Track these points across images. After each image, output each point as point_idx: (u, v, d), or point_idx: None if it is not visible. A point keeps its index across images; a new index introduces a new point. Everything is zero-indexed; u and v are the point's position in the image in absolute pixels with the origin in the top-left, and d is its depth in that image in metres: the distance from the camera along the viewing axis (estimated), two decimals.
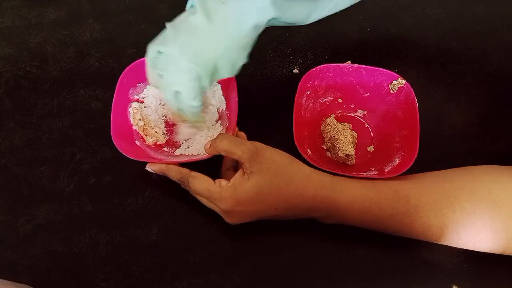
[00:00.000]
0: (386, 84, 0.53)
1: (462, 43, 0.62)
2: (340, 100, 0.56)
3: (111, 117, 0.50)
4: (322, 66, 0.53)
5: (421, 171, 0.48)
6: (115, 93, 0.51)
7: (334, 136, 0.52)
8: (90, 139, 0.54)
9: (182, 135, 0.53)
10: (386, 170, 0.49)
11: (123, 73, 0.52)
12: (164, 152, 0.52)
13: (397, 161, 0.50)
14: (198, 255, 0.48)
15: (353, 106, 0.56)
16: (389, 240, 0.47)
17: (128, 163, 0.52)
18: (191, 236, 0.49)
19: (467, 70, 0.60)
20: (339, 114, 0.56)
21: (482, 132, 0.56)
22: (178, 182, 0.47)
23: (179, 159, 0.50)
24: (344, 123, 0.54)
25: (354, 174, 0.48)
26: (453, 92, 0.58)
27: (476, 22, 0.63)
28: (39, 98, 0.57)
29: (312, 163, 0.47)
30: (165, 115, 0.55)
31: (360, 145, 0.54)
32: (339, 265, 0.48)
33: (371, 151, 0.54)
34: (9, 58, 0.59)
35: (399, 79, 0.52)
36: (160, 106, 0.55)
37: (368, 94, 0.55)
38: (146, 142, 0.52)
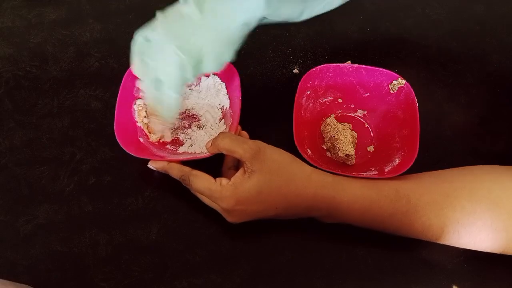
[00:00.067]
0: (386, 84, 0.54)
1: (462, 43, 0.62)
2: (340, 100, 0.56)
3: (115, 113, 0.50)
4: (322, 66, 0.53)
5: (421, 171, 0.48)
6: (120, 89, 0.51)
7: (334, 136, 0.52)
8: (90, 139, 0.54)
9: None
10: (386, 170, 0.49)
11: (128, 70, 0.52)
12: (167, 149, 0.52)
13: (397, 161, 0.50)
14: (198, 255, 0.48)
15: (353, 106, 0.56)
16: (389, 240, 0.47)
17: (128, 163, 0.52)
18: (191, 236, 0.49)
19: (467, 70, 0.60)
20: (339, 114, 0.56)
21: (482, 132, 0.56)
22: (179, 180, 0.47)
23: (181, 157, 0.50)
24: (344, 123, 0.54)
25: (354, 174, 0.48)
26: (453, 92, 0.58)
27: (476, 22, 0.63)
28: (39, 98, 0.57)
29: (312, 163, 0.47)
30: None
31: (360, 145, 0.54)
32: (339, 265, 0.48)
33: (371, 151, 0.54)
34: (9, 58, 0.59)
35: (399, 79, 0.52)
36: None
37: (368, 94, 0.55)
38: (150, 139, 0.52)
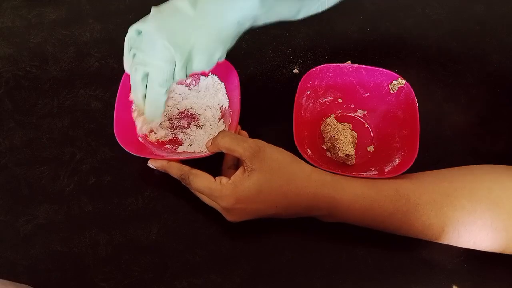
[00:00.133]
0: (386, 84, 0.54)
1: (462, 43, 0.62)
2: (340, 100, 0.56)
3: (114, 113, 0.50)
4: (322, 66, 0.53)
5: (421, 171, 0.48)
6: (119, 89, 0.51)
7: (334, 136, 0.52)
8: (90, 139, 0.54)
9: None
10: (386, 170, 0.49)
11: None
12: (167, 149, 0.52)
13: (397, 161, 0.50)
14: (198, 255, 0.48)
15: (353, 106, 0.56)
16: (389, 240, 0.47)
17: (128, 163, 0.52)
18: (191, 236, 0.49)
19: (467, 70, 0.60)
20: (339, 114, 0.56)
21: (482, 132, 0.56)
22: (179, 179, 0.47)
23: (181, 156, 0.50)
24: (344, 123, 0.54)
25: (354, 174, 0.48)
26: (453, 92, 0.58)
27: (476, 22, 0.63)
28: (39, 98, 0.57)
29: (312, 163, 0.47)
30: (168, 112, 0.55)
31: (360, 145, 0.54)
32: (339, 265, 0.48)
33: (371, 151, 0.54)
34: (9, 58, 0.59)
35: (399, 79, 0.52)
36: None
37: (368, 94, 0.55)
38: (149, 138, 0.52)
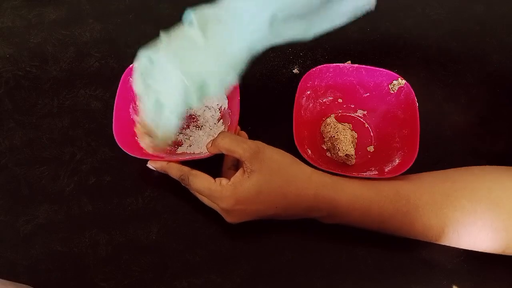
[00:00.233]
0: (386, 84, 0.54)
1: (462, 43, 0.62)
2: (340, 100, 0.56)
3: (113, 114, 0.49)
4: (322, 66, 0.53)
5: (421, 171, 0.48)
6: (118, 90, 0.51)
7: (334, 136, 0.52)
8: (90, 139, 0.54)
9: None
10: (386, 170, 0.49)
11: (127, 70, 0.52)
12: (166, 150, 0.52)
13: (397, 161, 0.50)
14: (198, 255, 0.48)
15: (353, 106, 0.56)
16: (389, 240, 0.47)
17: (128, 163, 0.52)
18: (191, 236, 0.49)
19: (467, 70, 0.60)
20: (339, 114, 0.56)
21: (482, 132, 0.56)
22: (178, 180, 0.47)
23: (180, 157, 0.50)
24: (344, 123, 0.54)
25: (354, 174, 0.48)
26: (453, 92, 0.58)
27: (476, 22, 0.63)
28: (39, 98, 0.57)
29: (312, 163, 0.47)
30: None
31: (360, 145, 0.54)
32: (339, 265, 0.48)
33: (371, 151, 0.54)
34: (9, 58, 0.59)
35: (399, 79, 0.52)
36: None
37: (368, 94, 0.55)
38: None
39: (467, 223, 0.43)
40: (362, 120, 0.56)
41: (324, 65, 0.53)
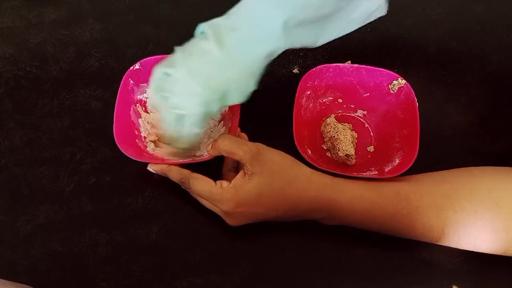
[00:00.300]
0: (386, 84, 0.54)
1: (462, 43, 0.62)
2: (340, 100, 0.56)
3: (114, 117, 0.49)
4: (322, 66, 0.53)
5: (421, 171, 0.48)
6: (119, 92, 0.51)
7: (334, 136, 0.52)
8: (90, 139, 0.54)
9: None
10: (386, 170, 0.49)
11: (127, 72, 0.51)
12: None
13: (397, 161, 0.50)
14: (198, 255, 0.48)
15: (353, 106, 0.56)
16: (389, 240, 0.47)
17: (128, 163, 0.52)
18: (191, 236, 0.49)
19: (467, 70, 0.60)
20: (339, 114, 0.56)
21: (482, 132, 0.56)
22: (179, 183, 0.47)
23: (181, 160, 0.50)
24: (344, 123, 0.54)
25: (354, 174, 0.48)
26: (453, 92, 0.58)
27: (476, 22, 0.63)
28: (39, 98, 0.57)
29: (312, 163, 0.47)
30: None
31: (360, 145, 0.54)
32: (339, 265, 0.48)
33: (371, 151, 0.54)
34: (9, 58, 0.59)
35: (399, 79, 0.52)
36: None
37: (368, 94, 0.55)
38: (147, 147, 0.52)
39: (468, 224, 0.43)
40: (362, 120, 0.56)
41: (324, 65, 0.53)
